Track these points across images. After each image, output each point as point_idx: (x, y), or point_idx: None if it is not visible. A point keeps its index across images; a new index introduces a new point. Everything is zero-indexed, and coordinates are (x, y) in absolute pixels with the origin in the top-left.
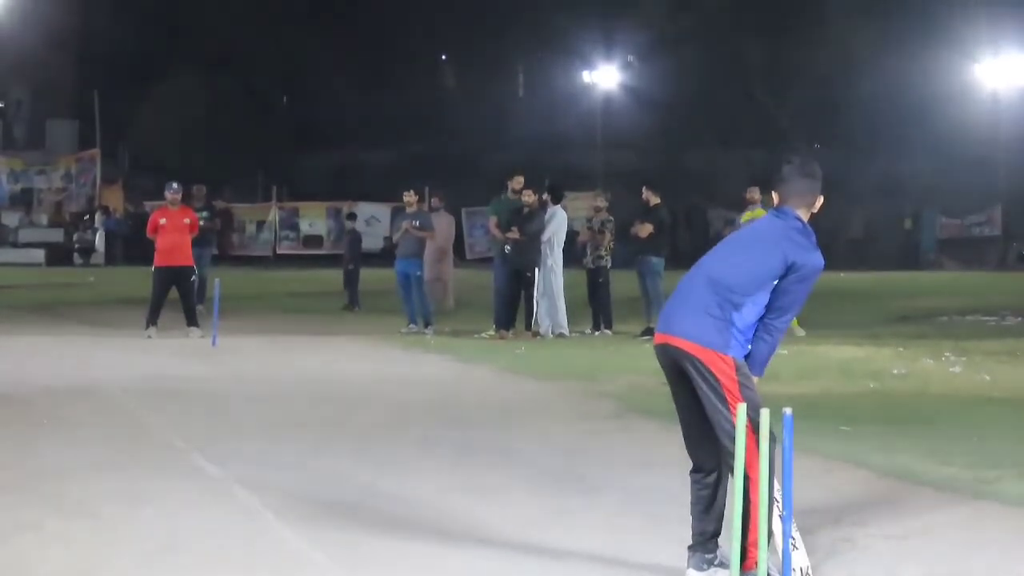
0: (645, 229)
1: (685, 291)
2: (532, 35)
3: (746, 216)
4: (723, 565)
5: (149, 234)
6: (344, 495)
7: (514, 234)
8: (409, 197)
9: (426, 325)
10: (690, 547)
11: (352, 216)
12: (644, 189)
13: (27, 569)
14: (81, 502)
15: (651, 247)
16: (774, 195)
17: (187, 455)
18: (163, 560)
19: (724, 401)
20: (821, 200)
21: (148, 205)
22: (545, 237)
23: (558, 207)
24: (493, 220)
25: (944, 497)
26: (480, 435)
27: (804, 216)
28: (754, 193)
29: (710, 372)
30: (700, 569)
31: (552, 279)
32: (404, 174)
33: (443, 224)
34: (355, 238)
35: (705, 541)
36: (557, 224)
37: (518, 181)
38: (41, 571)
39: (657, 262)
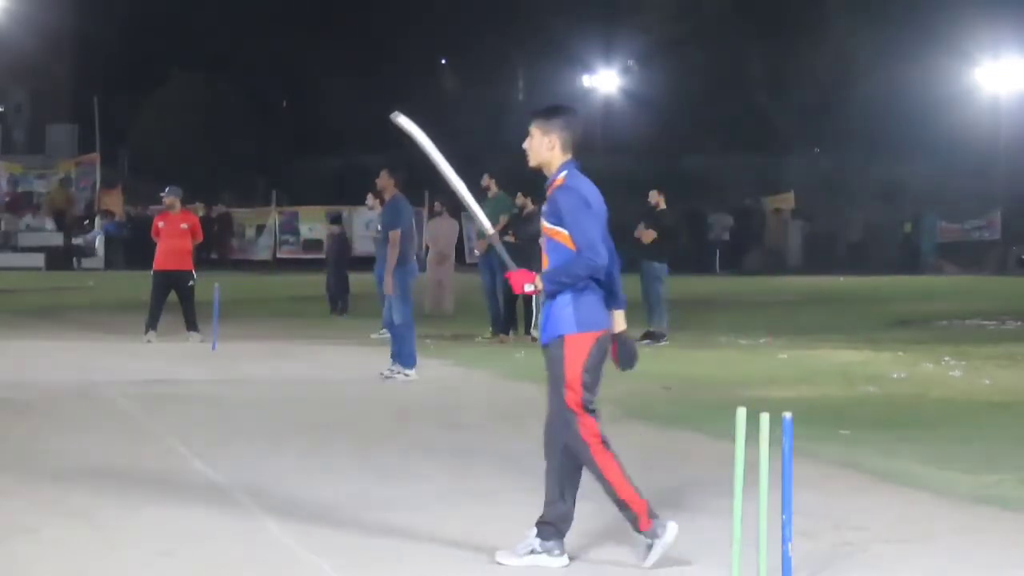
0: (648, 235)
1: None
2: (532, 39)
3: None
4: (535, 552)
5: (153, 237)
6: (343, 499)
7: (509, 238)
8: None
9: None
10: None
11: (336, 219)
12: (652, 193)
13: (24, 573)
14: (79, 506)
15: (654, 252)
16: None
17: (186, 459)
18: (162, 564)
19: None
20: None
21: (151, 209)
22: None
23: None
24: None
25: (944, 501)
26: (479, 439)
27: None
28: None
29: None
30: (518, 554)
31: None
32: (404, 178)
33: (445, 229)
34: (339, 241)
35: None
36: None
37: (486, 179)
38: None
39: (659, 267)
